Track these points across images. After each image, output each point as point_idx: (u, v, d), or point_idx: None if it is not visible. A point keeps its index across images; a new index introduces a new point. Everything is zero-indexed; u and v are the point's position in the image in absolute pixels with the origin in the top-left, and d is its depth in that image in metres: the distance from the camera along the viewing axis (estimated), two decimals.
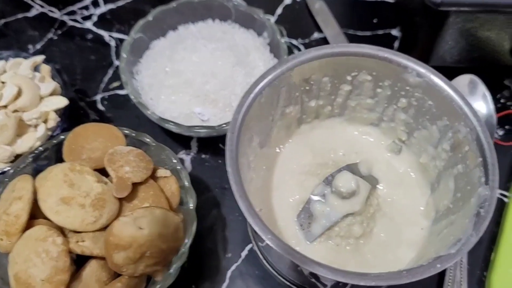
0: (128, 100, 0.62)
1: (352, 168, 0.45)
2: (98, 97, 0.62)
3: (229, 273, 0.51)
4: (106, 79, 0.64)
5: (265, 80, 0.40)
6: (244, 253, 0.52)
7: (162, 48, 0.59)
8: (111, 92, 0.63)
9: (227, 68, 0.54)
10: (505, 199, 0.54)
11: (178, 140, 0.59)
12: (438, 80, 0.40)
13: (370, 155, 0.48)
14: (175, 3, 0.60)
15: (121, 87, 0.63)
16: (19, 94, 0.51)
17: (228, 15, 0.62)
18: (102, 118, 0.61)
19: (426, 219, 0.44)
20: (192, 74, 0.54)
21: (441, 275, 0.49)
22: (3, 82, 0.53)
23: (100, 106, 0.62)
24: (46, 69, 0.54)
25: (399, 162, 0.47)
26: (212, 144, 0.59)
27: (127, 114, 0.61)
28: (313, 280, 0.41)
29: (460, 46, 0.57)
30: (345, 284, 0.40)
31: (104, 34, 0.68)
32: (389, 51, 0.41)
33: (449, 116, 0.40)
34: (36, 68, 0.55)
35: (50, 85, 0.52)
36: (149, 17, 0.59)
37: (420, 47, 0.59)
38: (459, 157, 0.40)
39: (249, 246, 0.52)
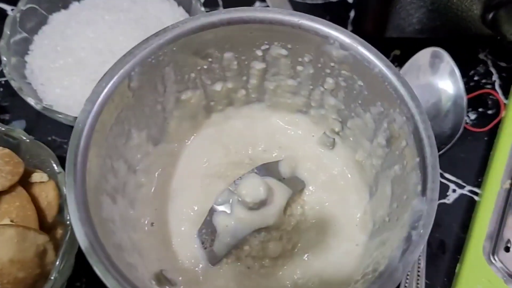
0: None
1: (269, 169, 0.36)
2: None
3: None
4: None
5: (134, 59, 0.30)
6: None
7: (59, 22, 0.48)
8: (5, 78, 0.53)
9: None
10: (476, 198, 0.44)
11: None
12: (366, 52, 0.30)
13: (297, 151, 0.38)
14: None
15: None
16: None
17: None
18: None
19: (362, 233, 0.34)
20: (86, 53, 0.44)
21: None
22: None
23: None
24: None
25: (332, 159, 0.38)
26: None
27: (26, 104, 0.51)
28: None
29: (421, 12, 0.47)
30: None
31: (7, 7, 0.57)
32: (305, 16, 0.31)
33: (383, 100, 0.30)
34: None
35: None
36: None
37: (373, 15, 0.49)
38: (396, 155, 0.30)
39: None
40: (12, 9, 0.56)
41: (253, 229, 0.33)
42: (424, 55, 0.47)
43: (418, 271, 0.39)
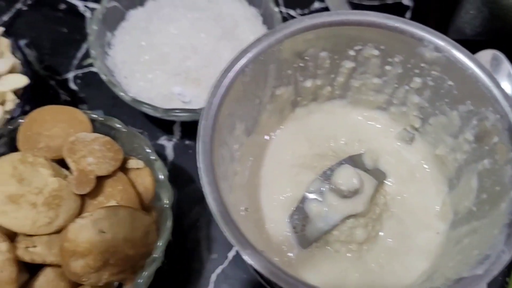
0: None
1: (355, 161, 0.38)
2: (70, 75, 0.55)
3: (213, 277, 0.45)
4: (79, 54, 0.57)
5: (249, 55, 0.33)
6: (231, 254, 0.46)
7: (138, 19, 0.51)
8: (85, 70, 0.56)
9: (211, 41, 0.47)
10: None
11: (159, 124, 0.52)
12: (461, 55, 0.33)
13: (376, 145, 0.41)
14: None
15: None
16: None
17: None
18: (74, 99, 0.54)
19: (442, 222, 0.37)
20: (169, 49, 0.47)
21: None
22: None
23: (73, 85, 0.55)
24: (5, 43, 0.47)
25: (411, 153, 0.40)
26: (196, 129, 0.52)
27: (103, 95, 0.54)
28: None
29: (483, 15, 0.49)
30: None
31: (79, 3, 0.60)
32: (401, 20, 0.34)
33: (474, 99, 0.33)
34: None
35: (7, 61, 0.45)
36: None
37: (435, 17, 0.51)
38: (485, 150, 0.33)
39: None
40: (84, 5, 0.59)
41: (344, 215, 0.36)
42: (483, 57, 0.49)
43: None
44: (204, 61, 0.46)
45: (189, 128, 0.52)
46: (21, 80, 0.45)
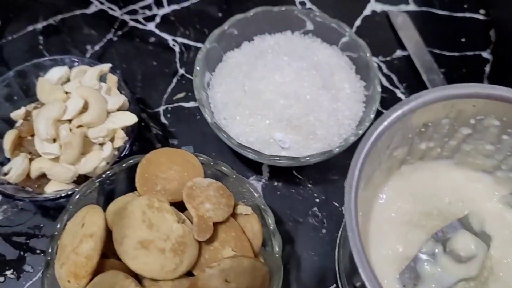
0: (193, 115, 0.57)
1: (463, 223, 0.40)
2: (161, 109, 0.57)
3: None
4: (169, 89, 0.58)
5: (386, 122, 0.34)
6: None
7: (238, 61, 0.53)
8: (175, 104, 0.57)
9: (312, 90, 0.49)
10: None
11: (248, 163, 0.53)
12: None
13: (479, 206, 0.42)
14: (252, 11, 0.54)
15: (186, 99, 0.58)
16: (84, 107, 0.46)
17: (307, 27, 0.56)
18: (165, 133, 0.55)
19: None
20: (273, 95, 0.48)
21: None
22: (67, 92, 0.48)
23: (163, 119, 0.56)
24: (113, 79, 0.49)
25: None
26: (285, 171, 0.53)
27: (192, 130, 0.56)
28: None
29: None
30: None
31: (168, 37, 0.62)
32: None
33: None
34: (100, 78, 0.50)
35: (119, 99, 0.47)
36: (225, 26, 0.53)
37: None
38: None
39: None
40: (173, 39, 0.61)
41: (458, 279, 0.37)
42: None
43: None
44: (305, 109, 0.48)
45: (277, 170, 0.53)
46: (131, 118, 0.47)
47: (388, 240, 0.40)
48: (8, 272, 0.47)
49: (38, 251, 0.49)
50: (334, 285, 0.47)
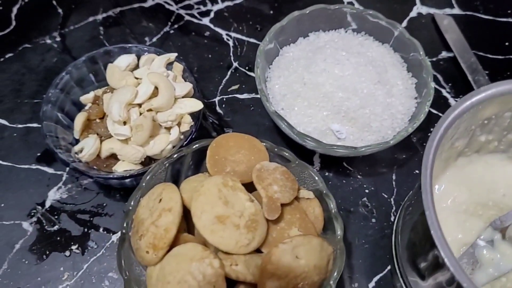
0: (247, 106, 0.59)
1: None
2: (216, 99, 0.59)
3: None
4: (224, 81, 0.61)
5: (455, 113, 0.36)
6: (371, 285, 0.49)
7: (295, 56, 0.55)
8: (230, 95, 0.60)
9: (369, 85, 0.51)
10: None
11: (299, 153, 0.55)
12: None
13: None
14: (308, 9, 0.56)
15: (240, 91, 0.60)
16: (154, 93, 0.48)
17: (361, 26, 0.58)
18: (220, 122, 0.58)
19: None
20: (333, 88, 0.50)
21: None
22: (137, 78, 0.50)
23: (219, 109, 0.59)
24: (178, 68, 0.52)
25: None
26: (335, 162, 0.55)
27: (246, 121, 0.58)
28: None
29: None
30: None
31: (222, 32, 0.65)
32: None
33: None
34: (166, 66, 0.52)
35: (185, 85, 0.50)
36: (283, 22, 0.55)
37: None
38: None
39: (377, 277, 0.49)
40: (226, 34, 0.64)
41: None
42: None
43: None
44: (361, 103, 0.50)
45: (328, 161, 0.55)
46: (197, 104, 0.49)
47: (447, 227, 0.42)
48: (73, 247, 0.50)
49: (101, 229, 0.51)
50: (385, 271, 0.49)
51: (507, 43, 0.65)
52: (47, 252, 0.49)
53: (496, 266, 0.39)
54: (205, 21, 0.65)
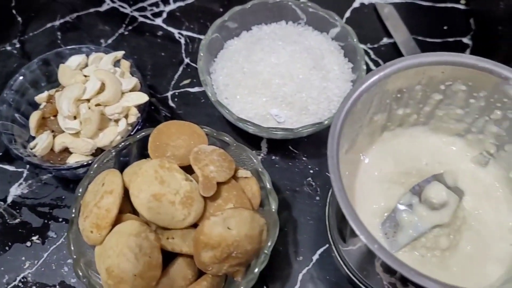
0: (198, 98, 0.62)
1: (438, 179, 0.44)
2: (169, 94, 0.63)
3: (300, 276, 0.51)
4: (176, 76, 0.64)
5: (364, 86, 0.40)
6: (315, 257, 0.52)
7: (237, 48, 0.59)
8: (182, 90, 0.63)
9: (304, 71, 0.54)
10: None
11: (248, 140, 0.59)
12: None
13: (454, 166, 0.47)
14: (249, 3, 0.60)
15: (191, 84, 0.63)
16: (101, 88, 0.51)
17: (300, 18, 0.61)
18: (173, 115, 0.61)
19: None
20: (270, 76, 0.54)
21: None
22: (85, 76, 0.53)
23: (171, 103, 0.62)
24: (125, 64, 0.55)
25: (485, 174, 0.46)
26: (282, 146, 0.59)
27: (197, 112, 0.62)
28: None
29: None
30: None
31: (174, 31, 0.68)
32: (490, 62, 0.40)
33: None
34: (115, 63, 0.56)
35: (131, 80, 0.53)
36: (225, 17, 0.59)
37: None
38: None
39: (320, 250, 0.52)
40: (178, 33, 0.67)
41: (432, 225, 0.42)
42: None
43: None
44: (298, 88, 0.53)
45: (275, 145, 0.59)
46: (142, 97, 0.52)
47: (372, 196, 0.45)
48: (34, 238, 0.53)
49: (60, 219, 0.54)
50: (327, 245, 0.52)
51: (445, 27, 0.69)
52: (10, 244, 0.53)
53: (414, 227, 0.42)
54: (158, 21, 0.69)
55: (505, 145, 0.44)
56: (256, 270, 0.43)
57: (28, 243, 0.53)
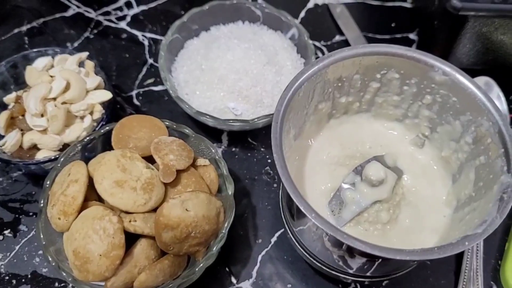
0: (162, 96, 0.66)
1: (379, 160, 0.49)
2: (133, 93, 0.66)
3: (260, 258, 0.55)
4: (140, 76, 0.67)
5: (304, 76, 0.44)
6: (273, 239, 0.56)
7: (196, 47, 0.62)
8: (146, 88, 0.67)
9: (258, 66, 0.58)
10: None
11: (210, 134, 0.62)
12: (462, 78, 0.44)
13: (395, 149, 0.51)
14: (207, 5, 0.64)
15: (155, 83, 0.67)
16: (67, 87, 0.54)
17: (256, 18, 0.65)
18: (138, 112, 0.64)
19: (448, 208, 0.48)
20: (226, 71, 0.58)
21: (459, 263, 0.53)
22: (51, 76, 0.56)
23: (136, 101, 0.65)
24: (90, 64, 0.58)
25: (422, 155, 0.51)
26: (241, 138, 0.62)
27: (161, 109, 0.65)
28: (340, 263, 0.45)
29: (477, 49, 0.61)
30: (369, 267, 0.44)
31: (138, 33, 0.71)
32: (417, 51, 0.45)
33: (472, 111, 0.44)
34: (80, 64, 0.59)
35: (95, 79, 0.56)
36: (184, 18, 0.62)
37: (438, 49, 0.63)
38: (481, 149, 0.44)
39: (278, 233, 0.56)
40: (142, 35, 0.70)
41: (373, 201, 0.46)
42: (478, 82, 0.60)
43: (477, 247, 0.52)
44: (252, 82, 0.57)
45: (235, 138, 0.63)
46: (106, 95, 0.56)
47: (320, 178, 0.50)
48: (6, 232, 0.55)
49: (31, 214, 0.57)
50: (283, 229, 0.56)
51: (393, 24, 0.74)
52: None
53: (357, 203, 0.47)
54: (122, 25, 0.72)
55: (437, 127, 0.49)
56: (215, 248, 0.46)
57: (0, 237, 0.55)
